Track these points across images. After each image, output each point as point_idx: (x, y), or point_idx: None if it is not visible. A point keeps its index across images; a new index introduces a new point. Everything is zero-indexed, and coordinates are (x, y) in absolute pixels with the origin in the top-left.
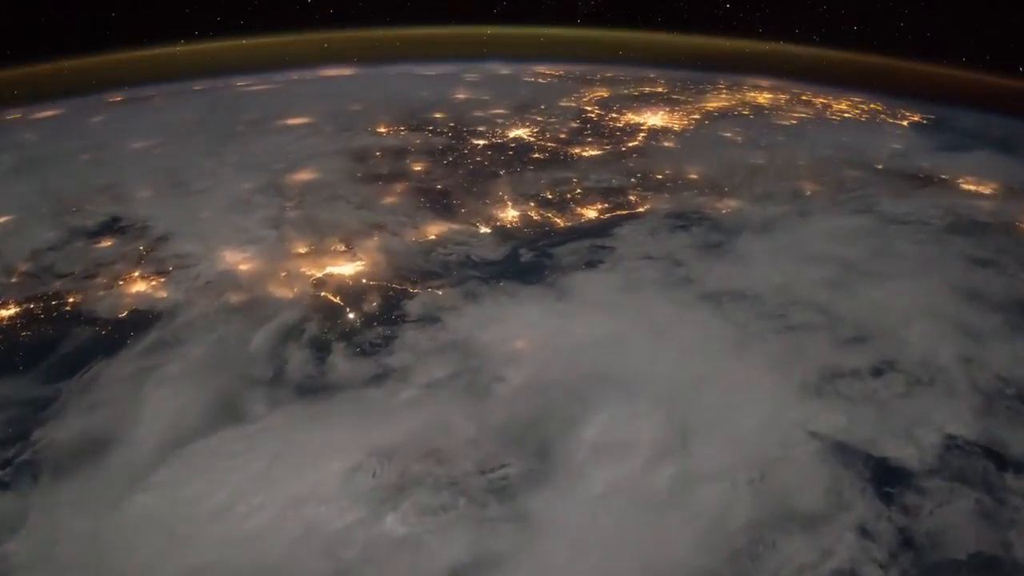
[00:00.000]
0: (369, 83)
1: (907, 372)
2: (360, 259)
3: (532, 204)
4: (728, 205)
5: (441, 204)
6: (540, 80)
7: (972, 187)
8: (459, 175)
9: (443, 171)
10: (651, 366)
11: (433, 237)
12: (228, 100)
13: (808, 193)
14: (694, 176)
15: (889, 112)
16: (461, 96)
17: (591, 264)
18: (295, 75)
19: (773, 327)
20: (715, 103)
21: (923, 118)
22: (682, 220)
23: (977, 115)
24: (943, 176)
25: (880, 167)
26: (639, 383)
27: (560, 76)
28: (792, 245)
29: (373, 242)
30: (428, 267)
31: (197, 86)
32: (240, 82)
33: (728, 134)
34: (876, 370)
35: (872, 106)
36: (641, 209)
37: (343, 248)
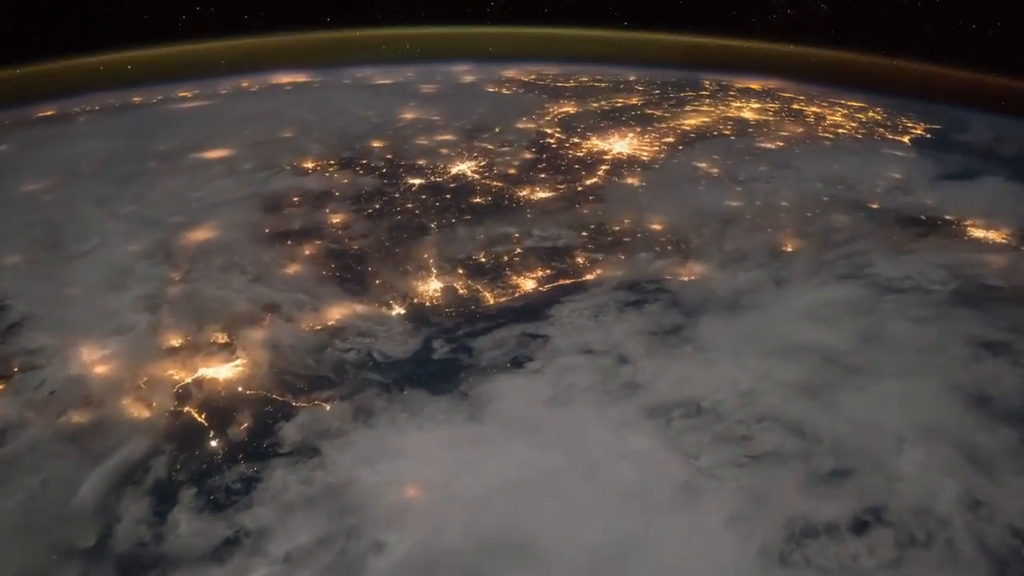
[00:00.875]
0: (315, 97)
1: (897, 526)
2: (240, 357)
3: (461, 271)
4: (692, 271)
5: (352, 274)
6: (504, 91)
7: (981, 233)
8: (381, 231)
9: (364, 225)
10: (574, 526)
11: (334, 323)
12: (154, 120)
13: (788, 250)
14: (657, 227)
15: (889, 123)
16: (408, 116)
17: (517, 363)
18: (244, 82)
19: (732, 457)
20: (693, 119)
21: (926, 129)
22: (635, 293)
23: (984, 119)
24: (947, 217)
25: (875, 206)
26: (556, 553)
27: (530, 83)
28: (764, 330)
29: (261, 331)
30: (319, 369)
31: (137, 97)
32: (182, 91)
33: (703, 164)
34: (858, 523)
35: (871, 114)
36: (589, 277)
37: (224, 340)
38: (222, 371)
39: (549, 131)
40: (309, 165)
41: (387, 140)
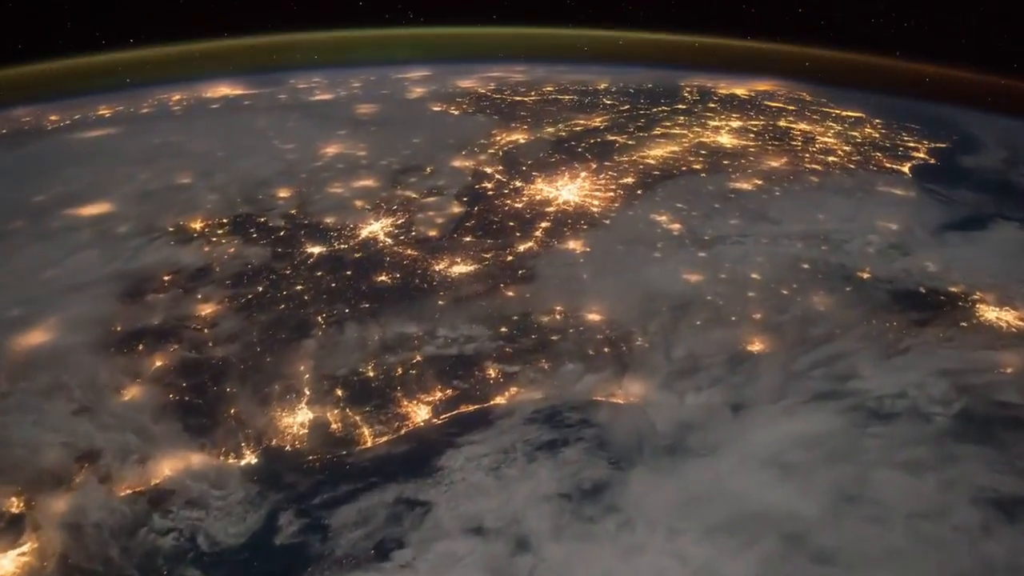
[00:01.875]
0: (235, 122)
1: None
2: (29, 541)
3: (339, 393)
4: (629, 391)
5: (202, 402)
6: (452, 109)
7: (993, 314)
8: (255, 330)
9: (236, 322)
10: None
11: (161, 482)
12: (48, 155)
13: (754, 350)
14: (594, 318)
15: (887, 143)
16: (332, 150)
17: (382, 551)
18: (175, 96)
19: None
20: (661, 148)
21: (929, 150)
22: (553, 428)
23: (996, 126)
24: (952, 289)
25: (866, 275)
26: None
27: (486, 95)
28: (711, 491)
29: (65, 499)
30: (123, 566)
31: (54, 115)
32: (104, 107)
33: (663, 217)
34: None
35: (868, 130)
36: (499, 401)
37: (16, 508)
38: (5, 561)
39: (489, 171)
40: (197, 225)
41: (297, 187)
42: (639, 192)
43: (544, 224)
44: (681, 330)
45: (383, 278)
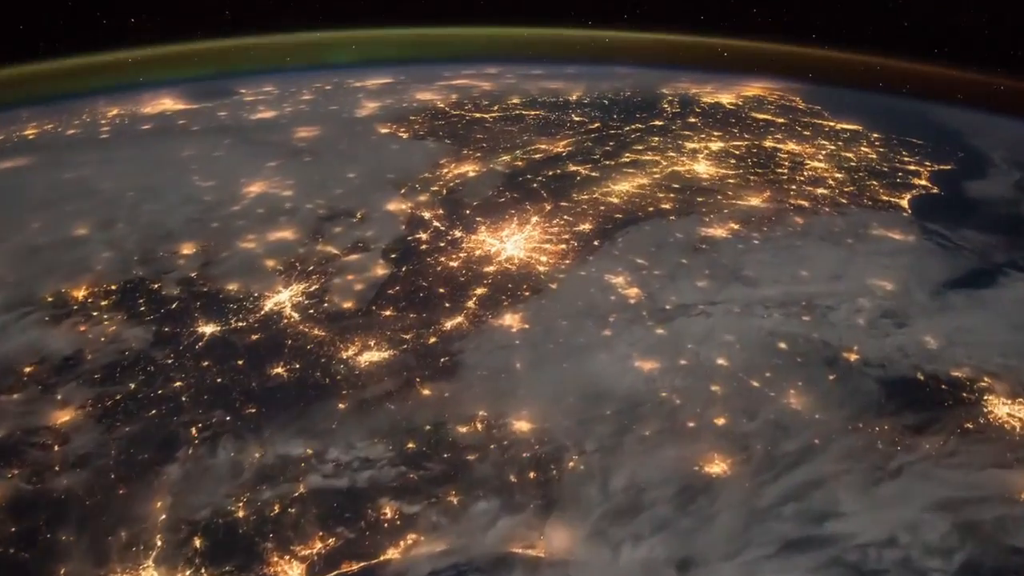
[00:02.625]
0: (156, 151)
1: None
2: None
3: (196, 545)
4: (551, 543)
5: (28, 561)
6: (399, 133)
7: (1004, 410)
8: (110, 451)
9: (90, 437)
10: None
11: None
12: None
13: (712, 478)
14: (521, 429)
15: (886, 166)
16: (255, 189)
17: None
18: (113, 110)
19: None
20: (628, 182)
21: (932, 175)
22: None
23: (1008, 133)
24: (955, 374)
25: (853, 357)
26: None
27: (443, 112)
28: None
29: None
30: None
31: None
32: (33, 124)
33: (619, 278)
34: None
35: (864, 149)
36: (391, 555)
37: None
38: None
39: (428, 216)
40: (80, 294)
41: (205, 242)
42: (596, 243)
43: (480, 290)
44: (625, 447)
45: (279, 370)
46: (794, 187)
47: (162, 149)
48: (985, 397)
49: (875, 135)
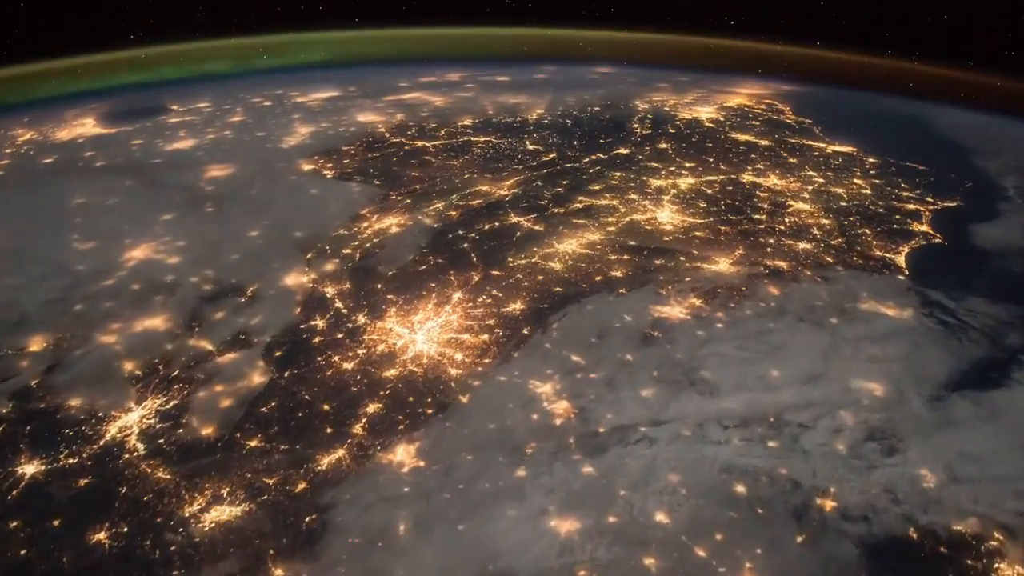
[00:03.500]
0: (58, 190)
1: None
2: None
3: None
4: None
5: None
6: (324, 170)
7: None
8: None
9: None
10: None
11: None
12: None
13: None
14: None
15: (882, 210)
16: (136, 256)
17: None
18: (28, 133)
19: None
20: (575, 239)
21: (934, 220)
22: None
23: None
24: (958, 528)
25: (829, 508)
26: None
27: (378, 141)
28: None
29: None
30: None
31: None
32: None
33: (547, 387)
34: None
35: (857, 181)
36: None
37: None
38: None
39: (330, 294)
40: None
41: (59, 333)
42: (525, 332)
43: (373, 406)
44: None
45: (100, 537)
46: (772, 241)
47: (52, 195)
48: (995, 565)
49: (870, 159)
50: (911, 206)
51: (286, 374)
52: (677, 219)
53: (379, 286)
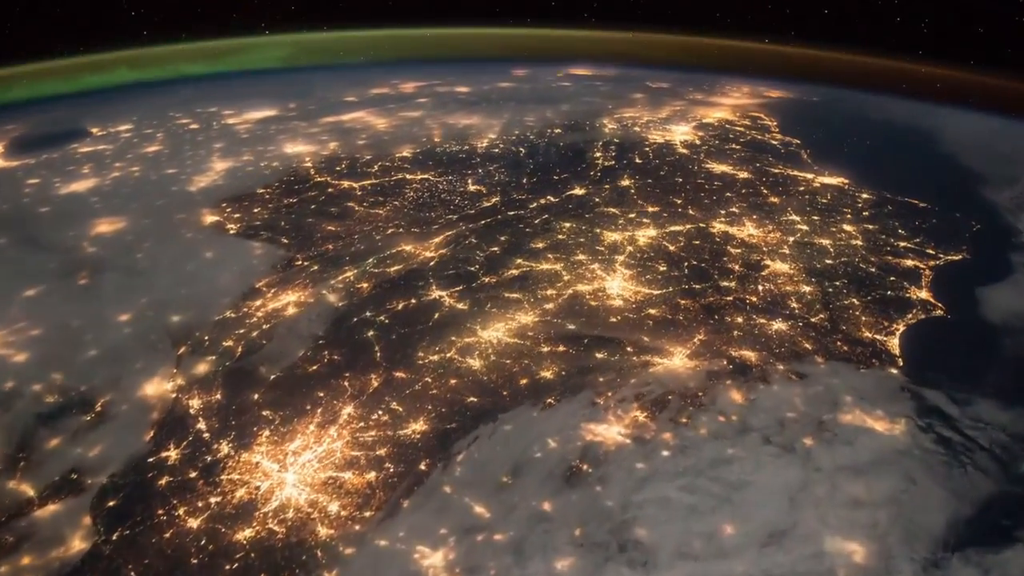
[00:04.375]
0: None
1: None
2: None
3: None
4: None
5: None
6: (228, 226)
7: None
8: None
9: None
10: None
11: None
12: None
13: None
14: None
15: (875, 270)
16: None
17: None
18: None
19: None
20: (508, 319)
21: (935, 280)
22: None
23: None
24: None
25: None
26: None
27: (298, 182)
28: None
29: None
30: None
31: None
32: None
33: (435, 557)
34: None
35: (848, 228)
36: None
37: None
38: None
39: (194, 410)
40: None
41: None
42: (423, 468)
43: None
44: None
45: None
46: (740, 320)
47: None
48: None
49: (864, 195)
50: (909, 262)
51: (114, 537)
52: (629, 291)
53: (255, 397)
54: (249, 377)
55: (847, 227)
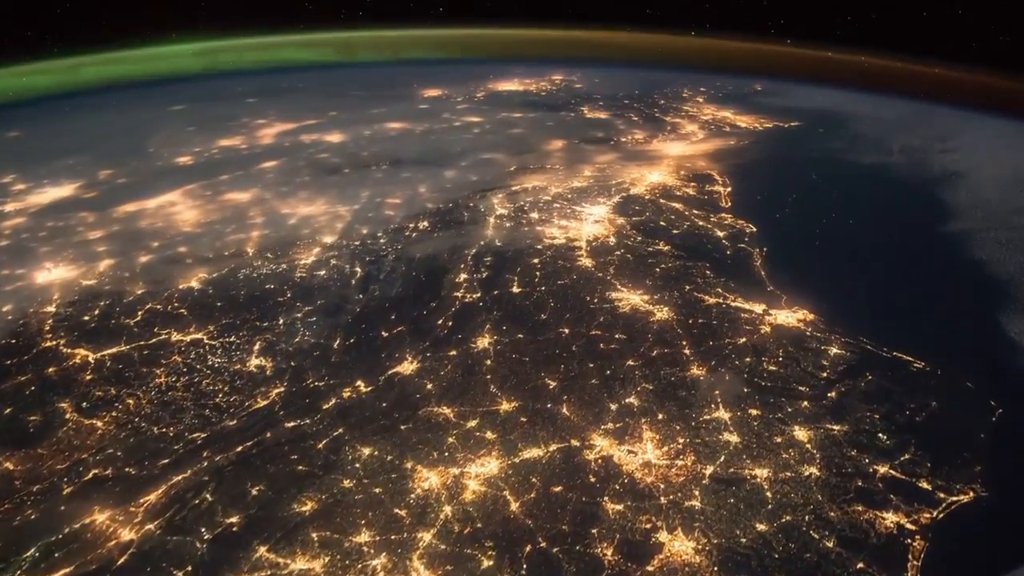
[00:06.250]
0: None
1: None
2: None
3: None
4: None
5: None
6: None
7: None
8: None
9: None
10: None
11: None
12: None
13: None
14: None
15: (835, 559)
16: None
17: None
18: None
19: None
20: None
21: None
22: None
23: None
24: None
25: None
26: None
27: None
28: None
29: None
30: None
31: None
32: None
33: None
34: None
35: (797, 447)
36: None
37: None
38: None
39: None
40: None
41: None
42: None
43: None
44: None
45: None
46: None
47: None
48: None
49: (832, 348)
50: (888, 518)
51: None
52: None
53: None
54: None
55: (799, 432)
